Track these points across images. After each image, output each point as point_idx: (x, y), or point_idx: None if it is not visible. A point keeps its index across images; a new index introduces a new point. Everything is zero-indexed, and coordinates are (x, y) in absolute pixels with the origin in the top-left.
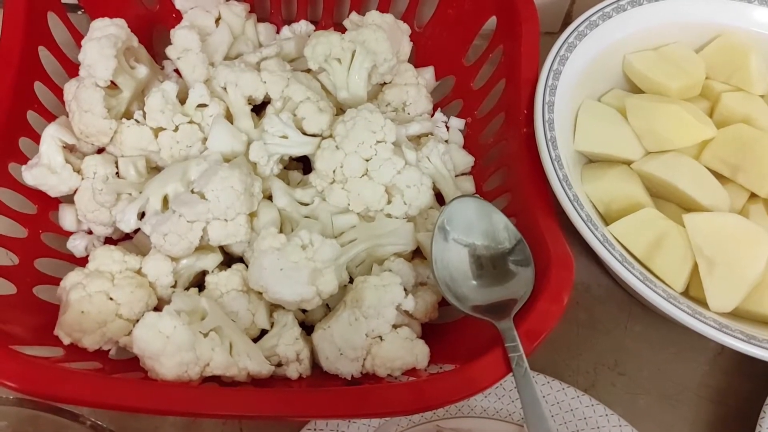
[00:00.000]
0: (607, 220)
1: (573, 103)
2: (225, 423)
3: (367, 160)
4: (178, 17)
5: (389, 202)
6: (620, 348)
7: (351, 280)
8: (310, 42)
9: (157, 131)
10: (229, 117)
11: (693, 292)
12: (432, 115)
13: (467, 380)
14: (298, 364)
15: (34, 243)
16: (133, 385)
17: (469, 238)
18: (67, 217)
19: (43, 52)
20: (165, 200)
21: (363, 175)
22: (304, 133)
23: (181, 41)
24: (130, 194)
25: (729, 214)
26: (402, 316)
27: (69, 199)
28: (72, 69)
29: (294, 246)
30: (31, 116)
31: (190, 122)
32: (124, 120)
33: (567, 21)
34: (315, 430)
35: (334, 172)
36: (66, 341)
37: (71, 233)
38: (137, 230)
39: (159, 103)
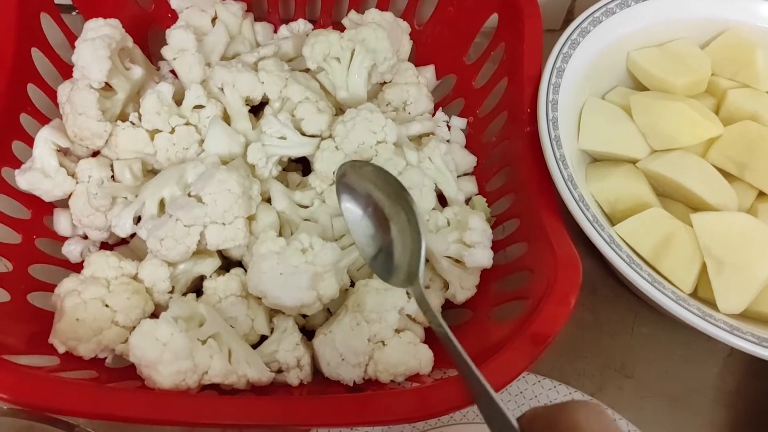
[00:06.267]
0: (612, 221)
1: (577, 101)
2: None
3: None
4: (173, 17)
5: None
6: (627, 350)
7: (352, 284)
8: (308, 41)
9: (152, 133)
10: (226, 118)
11: (701, 293)
12: (433, 115)
13: None
14: (299, 370)
15: (28, 249)
16: (130, 394)
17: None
18: (61, 222)
19: (36, 54)
20: (161, 204)
21: None
22: (303, 134)
23: (177, 41)
24: (126, 198)
25: (737, 213)
26: (405, 320)
27: (63, 203)
28: (66, 71)
29: (294, 250)
30: (24, 119)
31: (187, 124)
32: (119, 122)
33: (569, 18)
34: None
35: (334, 173)
36: (61, 350)
37: (66, 238)
38: (133, 235)
39: (155, 105)
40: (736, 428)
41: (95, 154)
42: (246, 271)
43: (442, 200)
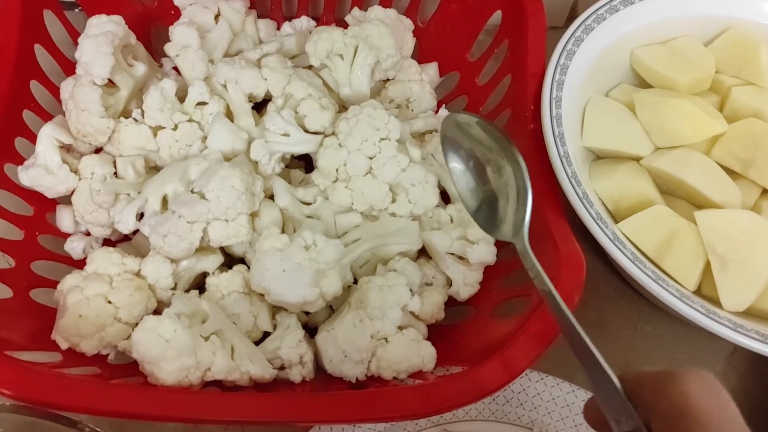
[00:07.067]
0: (616, 218)
1: (580, 98)
2: (227, 429)
3: (371, 158)
4: (176, 14)
5: (394, 200)
6: (630, 348)
7: (355, 281)
8: (311, 38)
9: (155, 130)
10: (229, 115)
11: (705, 291)
12: (436, 112)
13: (476, 383)
14: (302, 367)
15: (31, 245)
16: (133, 391)
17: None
18: (64, 219)
19: (40, 51)
20: (164, 200)
21: (367, 174)
22: (306, 131)
23: (180, 38)
24: (129, 195)
25: (741, 210)
26: (408, 317)
27: (66, 200)
28: (69, 67)
29: (297, 246)
30: (27, 116)
31: (190, 121)
32: (122, 119)
33: (572, 15)
34: None
35: (337, 170)
36: (63, 346)
37: (69, 235)
38: (136, 231)
39: (158, 102)
40: None
41: (98, 150)
42: (249, 267)
43: (445, 197)
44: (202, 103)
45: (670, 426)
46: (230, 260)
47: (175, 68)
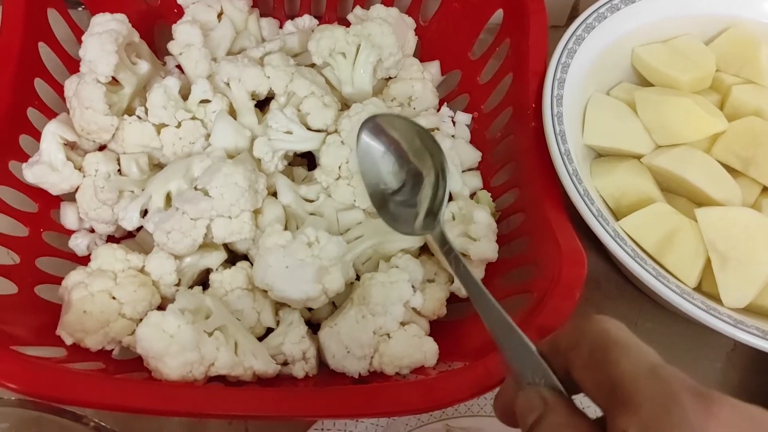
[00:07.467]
0: (617, 216)
1: (581, 96)
2: (230, 423)
3: None
4: (179, 12)
5: None
6: None
7: (357, 278)
8: (314, 36)
9: (159, 128)
10: (232, 113)
11: (706, 288)
12: (438, 110)
13: (477, 378)
14: (305, 362)
15: (36, 242)
16: (137, 385)
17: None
18: (68, 216)
19: (44, 49)
20: (168, 197)
21: None
22: (309, 129)
23: (183, 36)
24: (133, 192)
25: (742, 208)
26: (410, 314)
27: (70, 197)
28: (73, 65)
29: (300, 243)
30: (32, 113)
31: (193, 118)
32: (125, 116)
33: (573, 14)
34: (322, 429)
35: (339, 167)
36: (68, 341)
37: (73, 232)
38: (140, 228)
39: (161, 99)
40: None
41: (102, 148)
42: (252, 264)
43: None
44: (206, 101)
45: (592, 359)
46: (233, 257)
47: (179, 66)
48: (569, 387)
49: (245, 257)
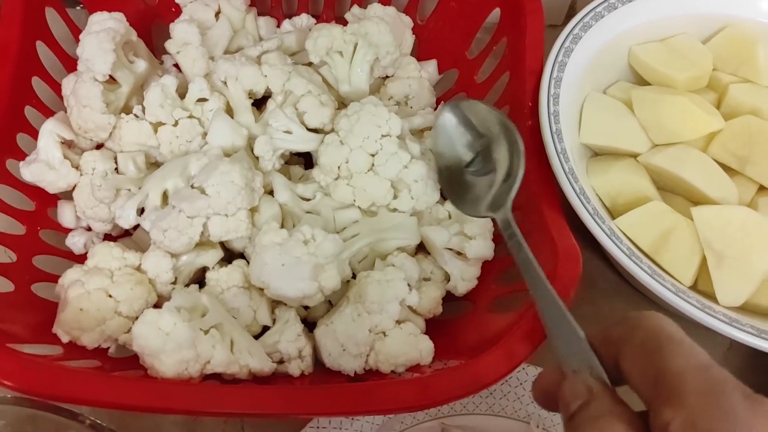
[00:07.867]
0: (613, 214)
1: (578, 95)
2: (226, 421)
3: (373, 155)
4: (177, 11)
5: (395, 197)
6: None
7: (354, 276)
8: (311, 35)
9: (156, 126)
10: (229, 111)
11: (701, 286)
12: (435, 109)
13: (472, 376)
14: (300, 360)
15: (33, 240)
16: (133, 383)
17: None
18: (65, 214)
19: (41, 48)
20: (165, 196)
21: (369, 170)
22: (306, 127)
23: (181, 35)
24: (130, 190)
25: (738, 207)
26: (406, 312)
27: (68, 195)
28: (70, 64)
29: (296, 241)
30: (29, 112)
31: (190, 117)
32: (123, 115)
33: (570, 13)
34: (318, 428)
35: (339, 167)
36: (65, 339)
37: (70, 230)
38: (137, 226)
39: (158, 98)
40: None
41: (99, 146)
42: (248, 262)
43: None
44: (203, 100)
45: (643, 351)
46: (230, 255)
47: (176, 65)
48: (613, 379)
49: (242, 255)
